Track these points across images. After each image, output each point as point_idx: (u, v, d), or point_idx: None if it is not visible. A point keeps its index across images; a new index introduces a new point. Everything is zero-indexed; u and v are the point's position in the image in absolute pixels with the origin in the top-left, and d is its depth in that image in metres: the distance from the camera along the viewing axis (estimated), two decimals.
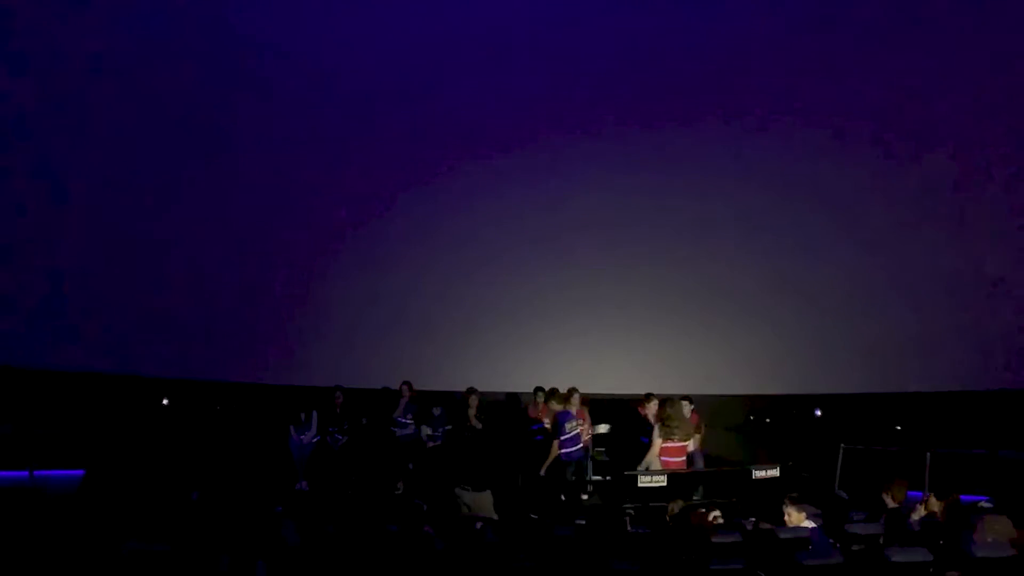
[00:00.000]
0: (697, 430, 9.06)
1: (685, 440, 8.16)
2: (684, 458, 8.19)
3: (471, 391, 9.35)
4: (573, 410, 9.14)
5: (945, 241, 9.81)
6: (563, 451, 8.55)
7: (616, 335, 10.40)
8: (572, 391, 9.19)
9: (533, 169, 10.55)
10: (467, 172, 10.54)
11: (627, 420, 9.34)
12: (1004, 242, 9.71)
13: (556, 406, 8.73)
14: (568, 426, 8.62)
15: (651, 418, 8.95)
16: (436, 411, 9.30)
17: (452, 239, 10.58)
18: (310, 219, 10.52)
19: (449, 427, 9.27)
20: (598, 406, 9.51)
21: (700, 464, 9.02)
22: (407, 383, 9.52)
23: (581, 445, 8.81)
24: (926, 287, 9.77)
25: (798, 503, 5.97)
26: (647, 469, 7.94)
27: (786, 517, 5.92)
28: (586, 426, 9.19)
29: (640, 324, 10.37)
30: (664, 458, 8.05)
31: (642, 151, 10.41)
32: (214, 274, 10.28)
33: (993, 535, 5.03)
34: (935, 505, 6.35)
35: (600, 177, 10.46)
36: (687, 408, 8.84)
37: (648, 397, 9.10)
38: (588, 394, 9.64)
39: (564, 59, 10.46)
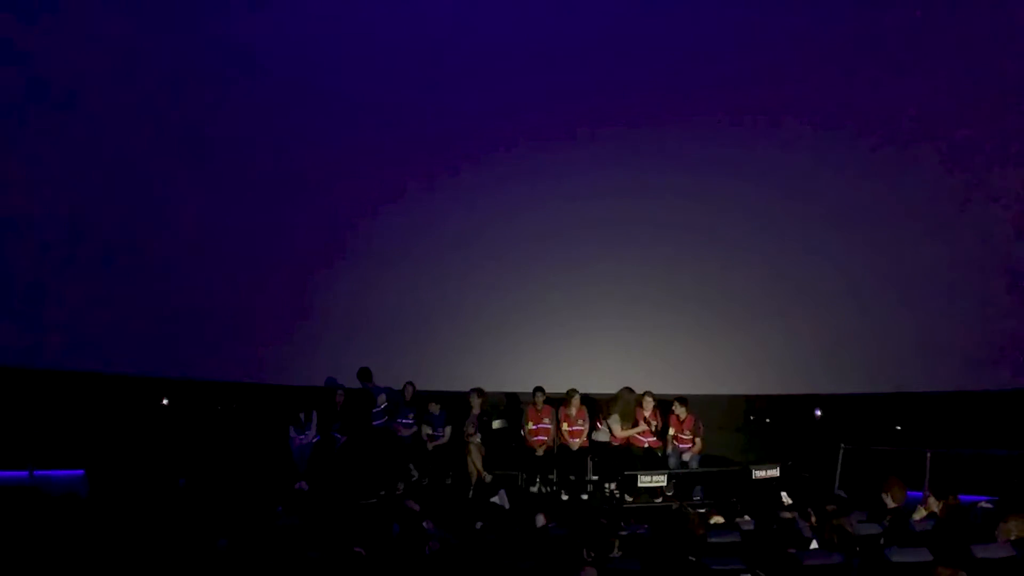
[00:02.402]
0: (695, 432, 9.10)
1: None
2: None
3: (474, 392, 9.37)
4: (573, 411, 9.17)
5: (946, 241, 9.80)
6: (375, 422, 9.28)
7: (616, 335, 10.40)
8: (572, 392, 9.23)
9: (534, 169, 10.55)
10: (468, 172, 10.54)
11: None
12: (1005, 242, 9.71)
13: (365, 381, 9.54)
14: (379, 398, 9.30)
15: (648, 417, 9.16)
16: (434, 410, 9.29)
17: (453, 239, 10.58)
18: (310, 219, 10.52)
19: (450, 426, 9.26)
20: (597, 406, 9.52)
21: (694, 465, 9.05)
22: (410, 383, 9.55)
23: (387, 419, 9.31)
24: (926, 287, 9.76)
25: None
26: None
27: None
28: (585, 427, 9.21)
29: (640, 324, 10.37)
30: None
31: (642, 152, 10.40)
32: (214, 274, 10.29)
33: (1017, 533, 5.04)
34: (934, 505, 6.36)
35: (600, 177, 10.46)
36: (681, 409, 9.17)
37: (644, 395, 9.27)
38: (588, 394, 9.67)
39: (563, 60, 10.46)
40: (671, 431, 9.21)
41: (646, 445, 9.13)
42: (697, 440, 9.13)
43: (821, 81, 10.11)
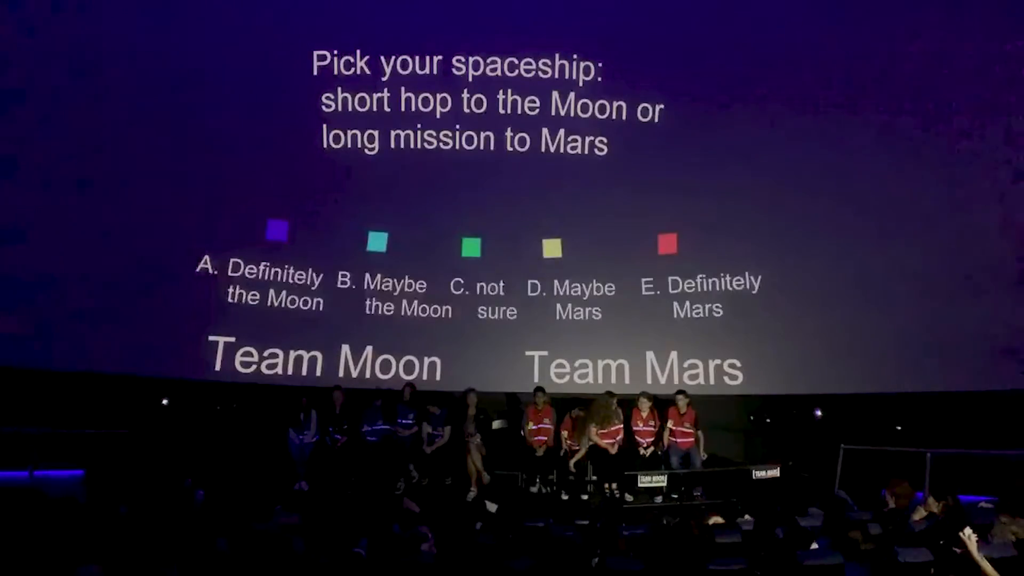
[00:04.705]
0: (696, 424, 9.14)
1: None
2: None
3: (469, 393, 9.36)
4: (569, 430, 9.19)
5: (946, 240, 9.78)
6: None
7: (616, 335, 10.39)
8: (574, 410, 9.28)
9: (533, 166, 10.54)
10: (467, 168, 10.53)
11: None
12: (1006, 242, 9.69)
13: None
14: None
15: (644, 417, 9.17)
16: (434, 411, 9.29)
17: (452, 236, 10.58)
18: (309, 218, 10.52)
19: (449, 426, 9.24)
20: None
21: (698, 464, 9.05)
22: (410, 384, 9.56)
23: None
24: (927, 287, 9.75)
25: None
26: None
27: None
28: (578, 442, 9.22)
29: (640, 324, 10.36)
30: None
31: (641, 150, 10.39)
32: (214, 274, 10.31)
33: (1012, 535, 5.04)
34: (934, 505, 6.37)
35: (601, 175, 10.45)
36: (683, 402, 9.21)
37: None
38: (587, 394, 9.66)
39: (567, 48, 10.48)
40: (669, 423, 9.19)
41: (647, 455, 9.12)
42: (699, 434, 9.13)
43: (829, 73, 10.07)
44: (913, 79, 9.93)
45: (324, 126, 10.50)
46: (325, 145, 10.50)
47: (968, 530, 4.70)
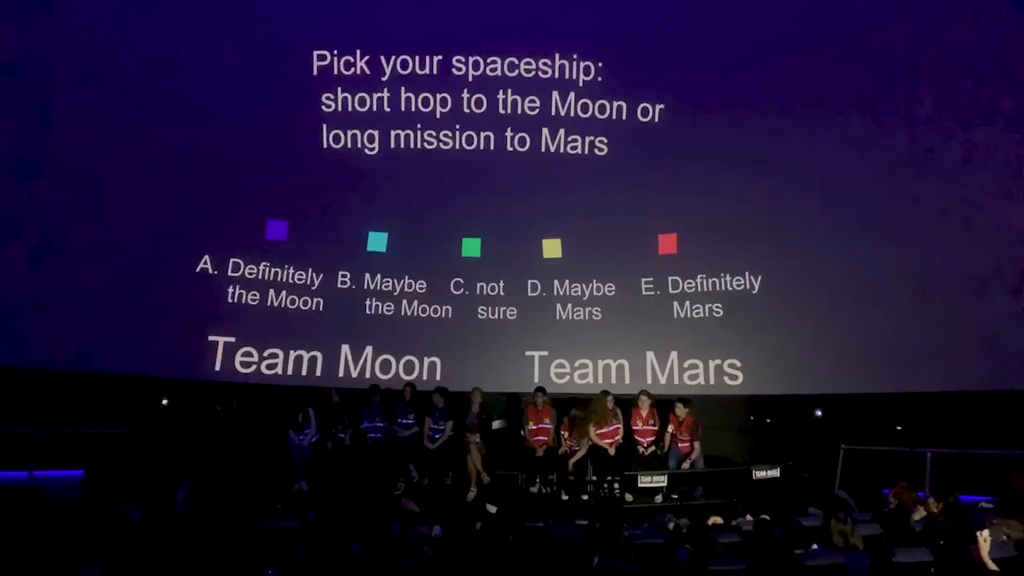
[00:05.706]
0: (693, 435, 9.10)
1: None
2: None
3: (475, 390, 9.34)
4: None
5: (947, 241, 9.78)
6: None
7: (616, 335, 10.39)
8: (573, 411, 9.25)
9: (533, 166, 10.54)
10: (467, 168, 10.54)
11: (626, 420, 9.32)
12: (1007, 242, 9.68)
13: None
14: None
15: (643, 416, 9.15)
16: (438, 402, 9.26)
17: (452, 236, 10.58)
18: (309, 219, 10.52)
19: (451, 420, 9.22)
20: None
21: (700, 464, 9.04)
22: (410, 384, 9.55)
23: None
24: (927, 287, 9.74)
25: None
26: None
27: None
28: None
29: (640, 324, 10.36)
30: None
31: (641, 150, 10.39)
32: (214, 274, 10.31)
33: (1005, 535, 5.05)
34: (934, 505, 6.37)
35: (601, 175, 10.45)
36: (682, 411, 9.16)
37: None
38: (587, 394, 9.66)
39: (567, 48, 10.48)
40: (670, 428, 9.19)
41: (646, 454, 9.11)
42: (695, 444, 9.10)
43: (827, 72, 10.05)
44: (913, 79, 9.92)
45: (324, 126, 10.52)
46: (325, 145, 10.52)
47: (986, 532, 4.70)
